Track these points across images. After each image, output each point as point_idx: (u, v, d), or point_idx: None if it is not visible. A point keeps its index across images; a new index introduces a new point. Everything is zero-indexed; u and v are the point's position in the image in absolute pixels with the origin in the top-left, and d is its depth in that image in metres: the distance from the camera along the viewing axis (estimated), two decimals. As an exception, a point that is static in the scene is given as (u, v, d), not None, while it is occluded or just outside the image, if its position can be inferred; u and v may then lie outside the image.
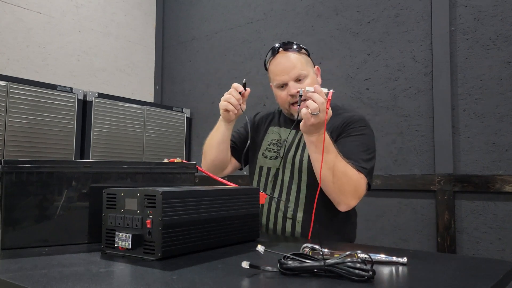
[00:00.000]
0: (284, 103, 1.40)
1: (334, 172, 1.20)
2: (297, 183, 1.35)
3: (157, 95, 3.34)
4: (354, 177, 1.22)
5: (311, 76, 1.37)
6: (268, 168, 1.43)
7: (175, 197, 0.87)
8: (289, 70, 1.34)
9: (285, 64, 1.35)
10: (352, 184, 1.22)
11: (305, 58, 1.39)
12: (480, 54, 1.96)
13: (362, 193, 1.26)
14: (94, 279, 0.70)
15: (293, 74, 1.34)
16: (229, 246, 1.01)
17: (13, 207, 0.97)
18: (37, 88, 2.22)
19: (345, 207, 1.26)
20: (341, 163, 1.21)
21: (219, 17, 3.03)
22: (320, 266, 0.71)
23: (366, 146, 1.31)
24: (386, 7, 2.25)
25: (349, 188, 1.22)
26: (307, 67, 1.37)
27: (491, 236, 1.88)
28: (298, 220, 1.32)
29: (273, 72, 1.40)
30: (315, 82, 1.38)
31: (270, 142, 1.46)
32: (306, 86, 1.26)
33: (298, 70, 1.34)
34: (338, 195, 1.24)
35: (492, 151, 1.91)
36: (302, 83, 1.34)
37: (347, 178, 1.21)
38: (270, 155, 1.43)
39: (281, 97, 1.40)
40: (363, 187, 1.26)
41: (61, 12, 2.77)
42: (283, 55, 1.37)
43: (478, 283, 0.71)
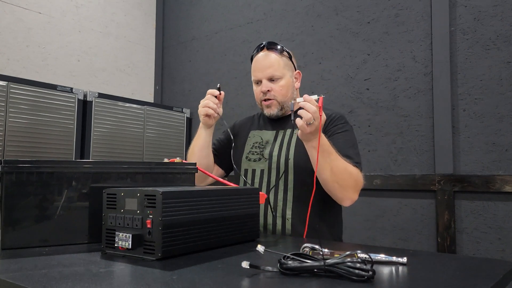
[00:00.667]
0: (257, 99, 1.48)
1: (337, 171, 1.25)
2: (283, 182, 1.39)
3: (157, 95, 3.34)
4: (353, 172, 1.29)
5: (286, 79, 1.44)
6: (253, 170, 1.46)
7: (175, 197, 0.87)
8: (264, 68, 1.42)
9: (262, 63, 1.43)
10: (353, 179, 1.28)
11: (284, 61, 1.45)
12: (480, 54, 1.96)
13: (361, 186, 1.32)
14: (94, 279, 0.70)
15: (267, 73, 1.42)
16: (229, 246, 1.01)
17: (13, 207, 0.97)
18: (37, 88, 2.22)
19: (349, 202, 1.32)
20: (340, 162, 1.26)
21: (219, 17, 3.03)
22: (320, 266, 0.71)
23: (352, 142, 1.38)
24: (386, 7, 2.25)
25: (351, 183, 1.28)
26: (283, 70, 1.43)
27: (491, 236, 1.88)
28: (287, 218, 1.36)
29: (252, 67, 1.48)
30: (290, 86, 1.45)
31: (253, 145, 1.50)
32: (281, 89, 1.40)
33: (273, 70, 1.41)
34: (341, 191, 1.29)
35: (492, 151, 1.91)
36: (274, 84, 1.42)
37: (348, 174, 1.27)
38: (254, 158, 1.47)
39: (255, 92, 1.48)
40: (361, 180, 1.32)
41: (61, 12, 2.77)
42: (264, 54, 1.45)
43: (478, 283, 0.71)
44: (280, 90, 1.43)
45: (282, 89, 1.43)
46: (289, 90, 1.45)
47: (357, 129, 2.27)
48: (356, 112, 2.30)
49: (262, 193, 1.15)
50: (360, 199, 2.31)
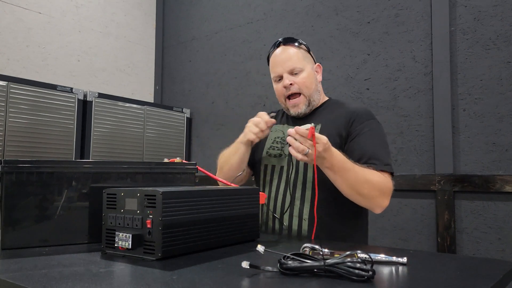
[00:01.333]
0: (280, 96, 1.41)
1: (357, 184, 1.20)
2: (302, 180, 1.34)
3: (157, 95, 3.34)
4: (378, 180, 1.23)
5: (308, 72, 1.38)
6: (273, 166, 1.42)
7: (175, 197, 0.87)
8: (284, 62, 1.37)
9: (281, 57, 1.39)
10: (377, 188, 1.23)
11: (303, 53, 1.40)
12: (480, 54, 1.96)
13: (390, 190, 1.26)
14: (94, 279, 0.70)
15: (288, 67, 1.36)
16: (229, 246, 1.01)
17: (13, 207, 0.97)
18: (37, 88, 2.22)
19: (379, 209, 1.27)
20: (360, 174, 1.20)
21: (219, 17, 3.03)
22: (320, 266, 0.71)
23: (380, 141, 1.32)
24: (386, 7, 2.25)
25: (376, 193, 1.23)
26: (303, 62, 1.38)
27: (491, 236, 1.88)
28: (304, 218, 1.31)
29: (271, 65, 1.43)
30: (313, 78, 1.40)
31: (274, 140, 1.45)
32: None
33: (293, 63, 1.36)
34: (367, 202, 1.25)
35: (492, 151, 1.91)
36: (297, 77, 1.36)
37: (372, 184, 1.22)
38: (274, 153, 1.42)
39: (277, 90, 1.42)
40: (389, 184, 1.26)
41: (61, 12, 2.77)
42: (282, 49, 1.40)
43: (478, 283, 0.71)
44: (303, 82, 1.36)
45: (305, 81, 1.36)
46: (313, 82, 1.39)
47: (357, 129, 2.27)
48: (356, 112, 2.30)
49: (262, 193, 1.15)
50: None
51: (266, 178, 1.43)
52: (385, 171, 1.27)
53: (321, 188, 1.24)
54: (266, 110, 1.68)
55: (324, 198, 1.28)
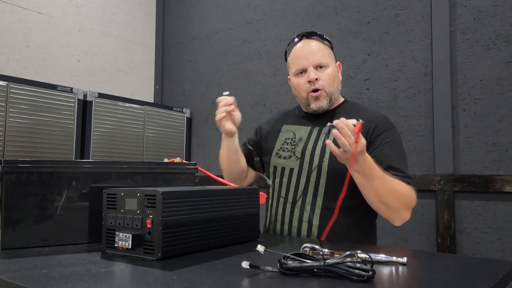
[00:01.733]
0: (302, 91, 1.33)
1: (384, 193, 1.16)
2: (314, 186, 1.28)
3: (157, 95, 3.34)
4: (404, 191, 1.19)
5: (332, 68, 1.33)
6: (282, 168, 1.35)
7: (175, 197, 0.87)
8: (310, 55, 1.30)
9: (307, 49, 1.31)
10: (402, 200, 1.19)
11: (328, 49, 1.35)
12: (480, 54, 1.96)
13: (414, 203, 1.23)
14: (94, 279, 0.70)
15: (314, 61, 1.29)
16: (229, 246, 1.01)
17: (13, 207, 0.97)
18: (37, 88, 2.21)
19: (400, 222, 1.23)
20: (388, 183, 1.16)
21: (219, 17, 3.03)
22: (320, 266, 0.71)
23: (401, 152, 1.28)
24: (386, 7, 2.25)
25: (400, 204, 1.19)
26: (329, 58, 1.33)
27: (491, 236, 1.88)
28: (314, 224, 1.26)
29: (292, 58, 1.35)
30: (336, 76, 1.35)
31: (284, 141, 1.39)
32: None
33: (320, 57, 1.30)
34: (390, 213, 1.21)
35: (492, 151, 1.91)
36: (322, 72, 1.30)
37: (398, 194, 1.18)
38: (284, 155, 1.36)
39: (299, 84, 1.33)
40: (413, 196, 1.22)
41: (61, 12, 2.77)
42: (305, 42, 1.34)
43: (478, 283, 0.71)
44: (329, 79, 1.30)
45: (330, 78, 1.30)
46: (336, 80, 1.33)
47: (357, 129, 2.27)
48: (356, 112, 2.30)
49: (262, 193, 1.15)
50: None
51: (276, 180, 1.37)
52: (409, 184, 1.22)
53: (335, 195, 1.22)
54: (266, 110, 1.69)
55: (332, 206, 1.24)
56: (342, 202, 1.23)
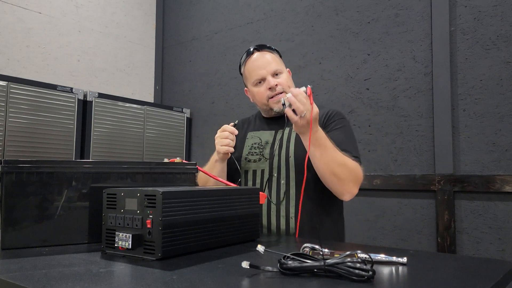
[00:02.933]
0: (263, 99, 1.45)
1: (334, 164, 1.26)
2: (285, 179, 1.38)
3: (157, 95, 3.34)
4: (352, 166, 1.29)
5: (286, 74, 1.46)
6: (254, 171, 1.46)
7: (175, 197, 0.87)
8: (266, 65, 1.43)
9: (262, 61, 1.44)
10: (352, 173, 1.28)
11: (278, 58, 1.48)
12: (480, 54, 1.96)
13: (361, 179, 1.32)
14: (94, 279, 0.70)
15: (271, 69, 1.42)
16: (229, 246, 1.01)
17: (13, 207, 0.97)
18: (37, 88, 2.22)
19: (349, 196, 1.32)
20: (338, 155, 1.27)
21: (219, 17, 3.03)
22: (320, 266, 0.71)
23: (350, 136, 1.40)
24: (386, 7, 2.25)
25: (350, 177, 1.28)
26: (281, 65, 1.46)
27: (491, 236, 1.88)
28: (291, 216, 1.35)
29: (249, 70, 1.46)
30: (291, 81, 1.47)
31: (251, 146, 1.50)
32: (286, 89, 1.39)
33: (275, 65, 1.43)
34: (340, 185, 1.29)
35: (492, 151, 1.91)
36: (278, 78, 1.42)
37: (346, 168, 1.27)
38: (254, 158, 1.47)
39: (259, 93, 1.45)
40: (361, 173, 1.32)
41: (61, 12, 2.77)
42: (259, 54, 1.46)
43: (478, 283, 0.71)
44: (286, 82, 1.43)
45: (287, 81, 1.43)
46: (291, 83, 1.46)
47: (357, 129, 2.27)
48: (356, 112, 2.30)
49: (262, 193, 1.15)
50: (360, 199, 2.31)
51: (248, 184, 1.46)
52: (357, 162, 1.32)
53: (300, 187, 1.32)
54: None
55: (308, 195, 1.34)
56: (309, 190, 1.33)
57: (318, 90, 2.45)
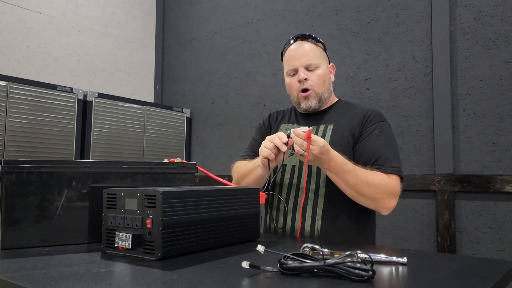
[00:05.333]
0: (293, 91, 1.39)
1: (359, 186, 1.21)
2: (315, 179, 1.33)
3: (157, 95, 3.34)
4: (380, 182, 1.23)
5: (323, 69, 1.38)
6: (284, 165, 1.39)
7: (175, 197, 0.87)
8: (300, 56, 1.36)
9: (298, 51, 1.37)
10: (380, 189, 1.23)
11: (320, 51, 1.40)
12: (480, 54, 1.96)
13: (396, 191, 1.26)
14: (94, 279, 0.70)
15: (304, 61, 1.35)
16: (229, 246, 1.01)
17: (13, 207, 0.97)
18: (37, 88, 2.22)
19: (386, 211, 1.26)
20: (363, 175, 1.21)
21: (219, 17, 3.03)
22: (320, 266, 0.71)
23: (390, 142, 1.32)
24: (386, 7, 2.25)
25: (380, 194, 1.23)
26: (320, 59, 1.38)
27: (491, 236, 1.88)
28: (317, 218, 1.30)
29: (286, 59, 1.41)
30: (327, 77, 1.40)
31: None
32: None
33: (310, 58, 1.35)
34: (372, 203, 1.25)
35: (492, 151, 1.91)
36: (312, 73, 1.36)
37: (374, 186, 1.22)
38: None
39: (290, 84, 1.40)
40: (395, 185, 1.25)
41: (61, 12, 2.77)
42: (299, 43, 1.39)
43: (478, 283, 0.71)
44: (318, 79, 1.36)
45: (319, 78, 1.36)
46: (326, 81, 1.39)
47: (357, 129, 2.27)
48: (356, 112, 2.30)
49: (262, 193, 1.15)
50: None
51: (277, 177, 1.40)
52: (392, 173, 1.26)
53: (336, 188, 1.26)
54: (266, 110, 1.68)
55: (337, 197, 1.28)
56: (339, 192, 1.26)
57: (318, 90, 2.45)
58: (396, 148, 1.33)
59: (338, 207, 1.30)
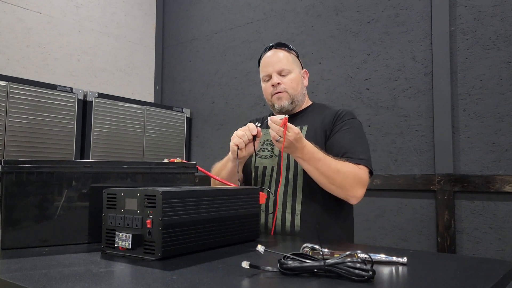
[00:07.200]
0: (268, 94, 1.50)
1: (329, 174, 1.28)
2: (293, 176, 1.40)
3: (157, 95, 3.34)
4: (350, 170, 1.29)
5: (296, 74, 1.48)
6: (264, 167, 1.47)
7: (175, 197, 0.87)
8: (274, 63, 1.47)
9: (272, 58, 1.48)
10: (349, 178, 1.28)
11: (293, 58, 1.50)
12: (480, 54, 1.96)
13: (364, 180, 1.31)
14: (94, 279, 0.70)
15: (277, 67, 1.45)
16: (229, 246, 1.01)
17: (13, 207, 0.97)
18: (37, 88, 2.22)
19: (355, 200, 1.33)
20: (333, 164, 1.28)
21: (219, 17, 3.03)
22: (320, 266, 0.71)
23: (359, 138, 1.40)
24: (386, 7, 2.25)
25: (349, 182, 1.28)
26: (292, 65, 1.48)
27: (491, 236, 1.88)
28: (296, 214, 1.37)
29: (261, 66, 1.52)
30: (300, 81, 1.49)
31: (264, 142, 1.52)
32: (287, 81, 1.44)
33: (282, 64, 1.46)
34: (341, 192, 1.30)
35: (492, 151, 1.91)
36: (285, 78, 1.46)
37: (343, 174, 1.28)
38: (265, 154, 1.49)
39: (265, 88, 1.51)
40: (363, 175, 1.31)
41: (61, 12, 2.78)
42: (273, 51, 1.50)
43: (478, 283, 0.71)
44: (291, 83, 1.46)
45: (292, 82, 1.46)
46: (299, 84, 1.48)
47: (357, 129, 2.28)
48: (356, 112, 2.30)
49: (262, 193, 1.15)
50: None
51: (258, 179, 1.48)
52: (360, 164, 1.32)
53: (313, 184, 1.33)
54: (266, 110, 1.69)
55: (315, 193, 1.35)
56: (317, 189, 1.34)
57: (318, 90, 2.45)
58: (365, 143, 1.40)
59: (316, 204, 1.36)
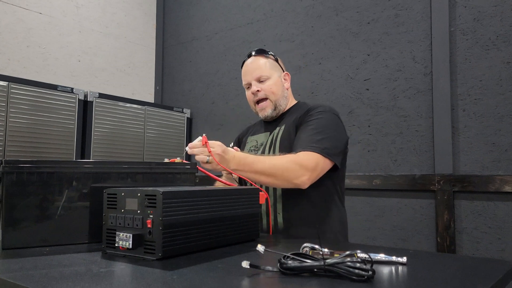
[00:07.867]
0: (250, 102, 1.54)
1: (268, 172, 1.27)
2: None
3: (157, 95, 3.34)
4: (286, 160, 1.27)
5: (274, 79, 1.50)
6: None
7: (176, 197, 0.87)
8: (252, 71, 1.50)
9: (250, 66, 1.51)
10: (289, 167, 1.26)
11: (270, 63, 1.51)
12: (479, 55, 1.96)
13: (308, 165, 1.27)
14: (94, 279, 0.70)
15: (255, 75, 1.49)
16: (229, 246, 1.01)
17: (13, 207, 0.98)
18: (38, 88, 2.22)
19: (304, 185, 1.29)
20: (265, 162, 1.27)
21: (219, 17, 3.03)
22: (320, 266, 0.71)
23: (320, 128, 1.35)
24: (385, 8, 2.25)
25: (290, 171, 1.26)
26: (270, 70, 1.50)
27: (491, 236, 1.88)
28: (278, 212, 1.40)
29: (242, 74, 1.55)
30: (280, 85, 1.50)
31: (249, 149, 1.56)
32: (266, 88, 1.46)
33: (260, 71, 1.48)
34: (287, 183, 1.29)
35: (492, 151, 1.91)
36: (263, 84, 1.48)
37: (279, 166, 1.26)
38: None
39: (248, 97, 1.54)
40: (306, 159, 1.27)
41: (62, 12, 2.78)
42: (252, 59, 1.53)
43: (478, 283, 0.71)
44: (270, 88, 1.48)
45: (271, 87, 1.48)
46: (279, 88, 1.50)
47: (357, 129, 2.28)
48: (356, 112, 2.30)
49: (262, 193, 1.15)
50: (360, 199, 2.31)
51: (241, 183, 1.51)
52: (308, 151, 1.29)
53: None
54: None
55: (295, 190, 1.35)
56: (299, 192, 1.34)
57: (318, 90, 2.45)
58: (329, 134, 1.34)
59: (299, 200, 1.38)
